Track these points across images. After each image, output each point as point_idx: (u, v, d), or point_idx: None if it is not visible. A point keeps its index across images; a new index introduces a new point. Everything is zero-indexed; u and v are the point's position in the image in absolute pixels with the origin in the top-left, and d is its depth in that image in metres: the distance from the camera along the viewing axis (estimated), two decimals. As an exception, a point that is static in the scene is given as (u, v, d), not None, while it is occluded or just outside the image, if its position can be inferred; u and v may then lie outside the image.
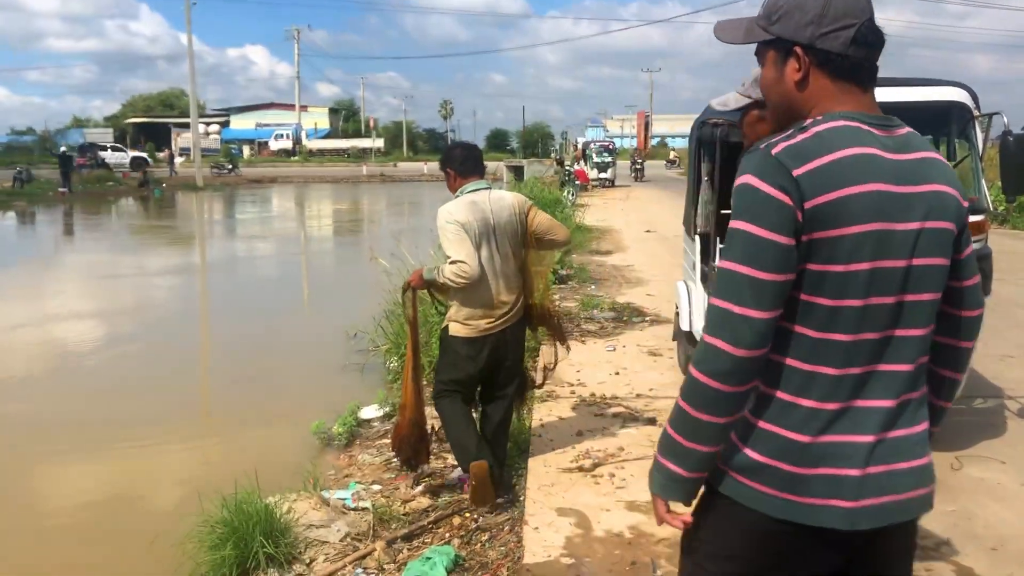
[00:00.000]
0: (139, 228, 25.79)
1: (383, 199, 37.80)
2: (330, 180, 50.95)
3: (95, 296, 13.29)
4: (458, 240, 4.13)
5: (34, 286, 14.29)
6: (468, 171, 4.40)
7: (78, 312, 11.78)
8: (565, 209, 18.42)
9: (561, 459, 4.77)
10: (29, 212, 29.14)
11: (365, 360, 8.16)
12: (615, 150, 38.16)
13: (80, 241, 22.22)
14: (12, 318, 11.39)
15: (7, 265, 16.90)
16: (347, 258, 18.22)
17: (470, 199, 4.28)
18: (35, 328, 10.74)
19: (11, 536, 5.04)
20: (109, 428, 6.80)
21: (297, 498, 4.41)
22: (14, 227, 25.70)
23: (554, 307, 4.77)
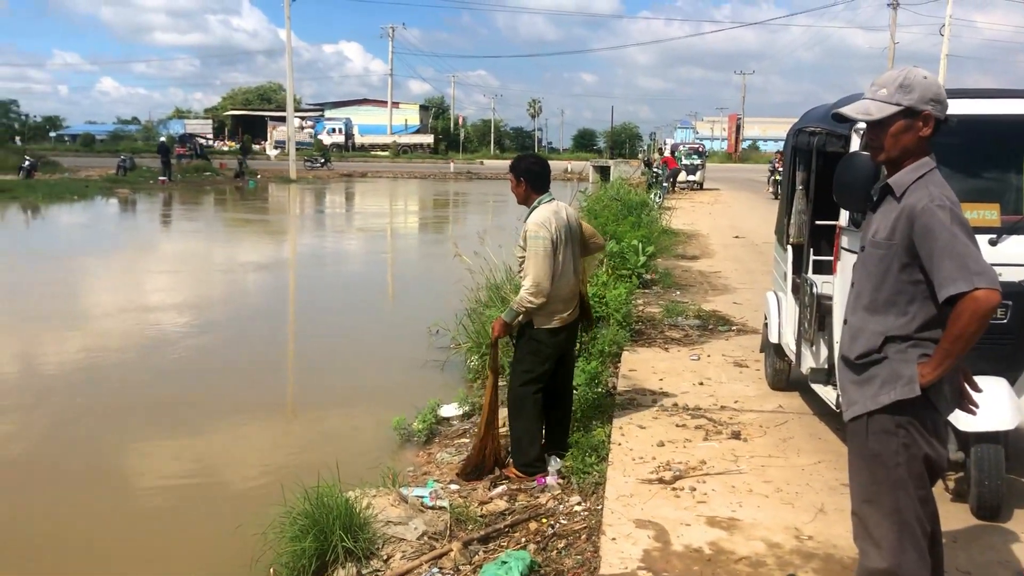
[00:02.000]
0: (233, 219, 26.57)
1: (469, 196, 38.09)
2: (418, 176, 51.64)
3: (187, 284, 13.74)
4: (543, 255, 4.65)
5: (131, 272, 14.87)
6: (544, 186, 4.93)
7: (171, 299, 12.20)
8: (651, 212, 18.19)
9: (641, 469, 4.69)
10: (131, 199, 30.35)
11: (446, 357, 8.22)
12: (705, 152, 37.57)
13: (176, 229, 23.02)
14: (109, 303, 11.87)
15: (107, 250, 17.64)
16: (431, 254, 18.40)
17: (552, 208, 4.84)
18: (130, 313, 11.15)
19: (103, 516, 5.24)
20: (197, 413, 7.02)
21: (376, 494, 4.44)
22: (116, 213, 26.80)
23: (588, 298, 5.36)
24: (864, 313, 2.66)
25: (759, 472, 4.67)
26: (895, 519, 2.58)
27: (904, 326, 2.57)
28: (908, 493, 2.57)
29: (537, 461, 4.88)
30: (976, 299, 2.38)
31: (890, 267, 2.58)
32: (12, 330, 10.13)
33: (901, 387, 2.54)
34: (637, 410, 5.73)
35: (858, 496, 2.70)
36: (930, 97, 2.58)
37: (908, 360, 2.55)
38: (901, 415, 2.56)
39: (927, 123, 2.59)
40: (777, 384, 6.23)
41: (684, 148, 36.94)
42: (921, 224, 2.49)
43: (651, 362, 7.05)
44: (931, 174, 2.60)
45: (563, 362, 5.02)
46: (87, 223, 23.65)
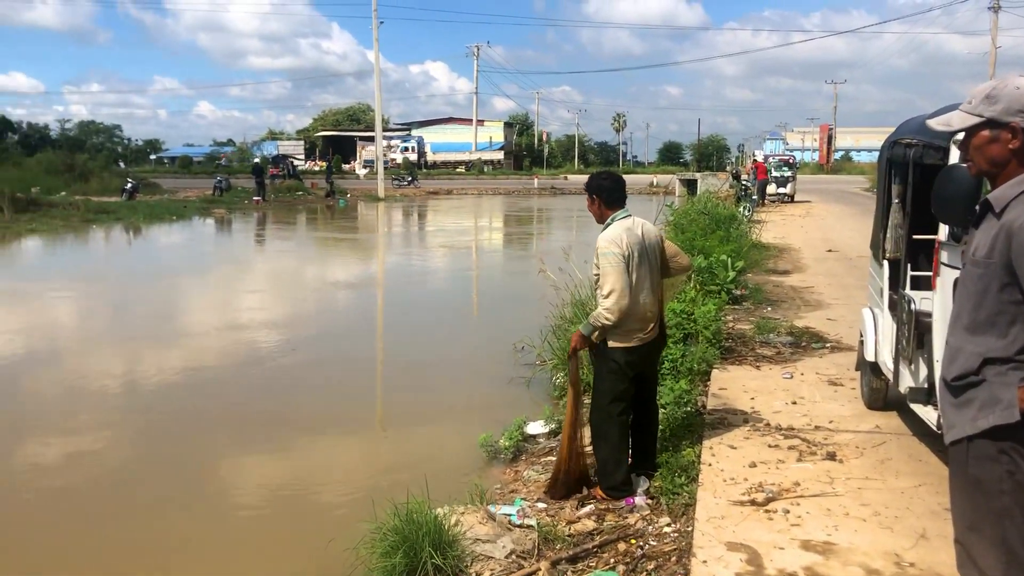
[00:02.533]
0: (324, 237, 27.25)
1: (552, 211, 38.16)
2: (502, 192, 52.08)
3: (280, 301, 14.14)
4: (616, 271, 4.58)
5: (226, 290, 15.40)
6: (617, 202, 4.86)
7: (264, 316, 12.56)
8: (741, 225, 17.86)
9: (732, 491, 4.59)
10: (226, 219, 31.44)
11: (531, 374, 8.22)
12: (795, 164, 36.75)
13: (270, 248, 23.75)
14: (206, 321, 12.30)
15: (204, 269, 18.30)
16: (516, 270, 18.49)
17: (625, 226, 4.75)
18: (226, 331, 11.53)
19: (198, 525, 5.42)
20: (289, 428, 7.19)
21: (464, 511, 4.46)
22: (213, 233, 27.79)
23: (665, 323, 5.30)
24: (963, 333, 2.55)
25: (856, 495, 4.52)
26: (1002, 549, 2.44)
27: (1004, 348, 2.44)
28: (1015, 523, 2.43)
29: (624, 484, 4.82)
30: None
31: (989, 287, 2.46)
32: (115, 346, 10.59)
33: (1000, 412, 2.41)
34: (728, 430, 5.62)
35: (960, 523, 2.57)
36: (1018, 108, 2.46)
37: (1008, 383, 2.42)
38: (1004, 440, 2.42)
39: (1016, 135, 2.46)
40: (874, 403, 6.03)
41: (774, 160, 36.27)
42: (1019, 242, 2.37)
43: (742, 380, 6.91)
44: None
45: (644, 381, 4.94)
46: (185, 243, 24.60)
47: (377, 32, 44.43)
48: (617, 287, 4.55)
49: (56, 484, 6.01)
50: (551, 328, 8.63)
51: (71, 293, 14.87)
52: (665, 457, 5.05)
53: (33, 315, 12.57)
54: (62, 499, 5.75)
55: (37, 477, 6.14)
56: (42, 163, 43.51)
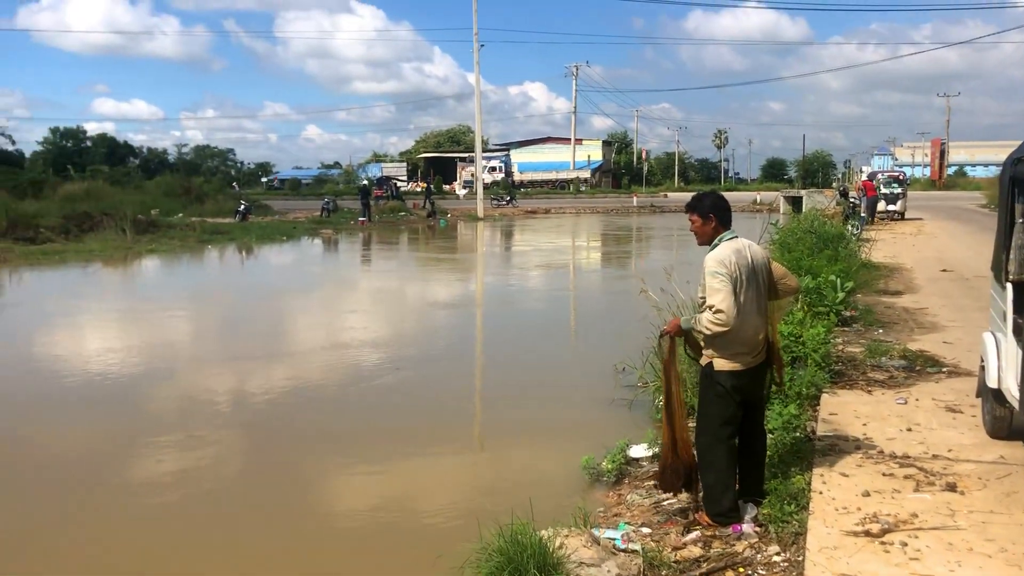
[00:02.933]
0: (425, 257, 27.74)
1: (652, 230, 37.83)
2: (601, 211, 51.96)
3: (382, 320, 14.45)
4: (723, 289, 4.50)
5: (331, 309, 15.82)
6: (724, 223, 4.80)
7: (367, 335, 12.83)
8: (849, 244, 17.32)
9: (845, 521, 4.44)
10: (333, 239, 32.38)
11: (633, 396, 8.14)
12: (906, 180, 35.42)
13: (374, 268, 24.34)
14: (312, 339, 12.67)
15: (311, 288, 18.87)
16: (615, 290, 18.37)
17: (734, 247, 4.69)
18: (330, 349, 11.82)
19: (305, 539, 5.55)
20: (391, 444, 7.33)
21: (568, 534, 4.46)
22: (320, 252, 28.65)
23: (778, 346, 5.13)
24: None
25: (979, 529, 4.31)
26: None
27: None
28: None
29: (731, 511, 4.72)
30: None
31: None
32: (225, 363, 11.01)
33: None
34: (839, 457, 5.44)
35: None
36: None
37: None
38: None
39: None
40: (997, 432, 5.74)
41: (883, 176, 35.01)
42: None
43: (853, 405, 6.69)
44: None
45: (751, 406, 4.83)
46: (294, 262, 25.44)
47: (478, 55, 45.18)
48: (724, 305, 4.48)
49: (167, 497, 6.25)
50: (653, 350, 8.54)
51: (186, 311, 15.58)
52: (774, 484, 4.93)
53: (151, 332, 13.21)
54: (172, 510, 5.99)
55: (151, 490, 6.40)
56: (161, 186, 45.75)
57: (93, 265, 22.56)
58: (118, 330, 13.31)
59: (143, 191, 43.96)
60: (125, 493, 6.31)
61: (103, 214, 29.15)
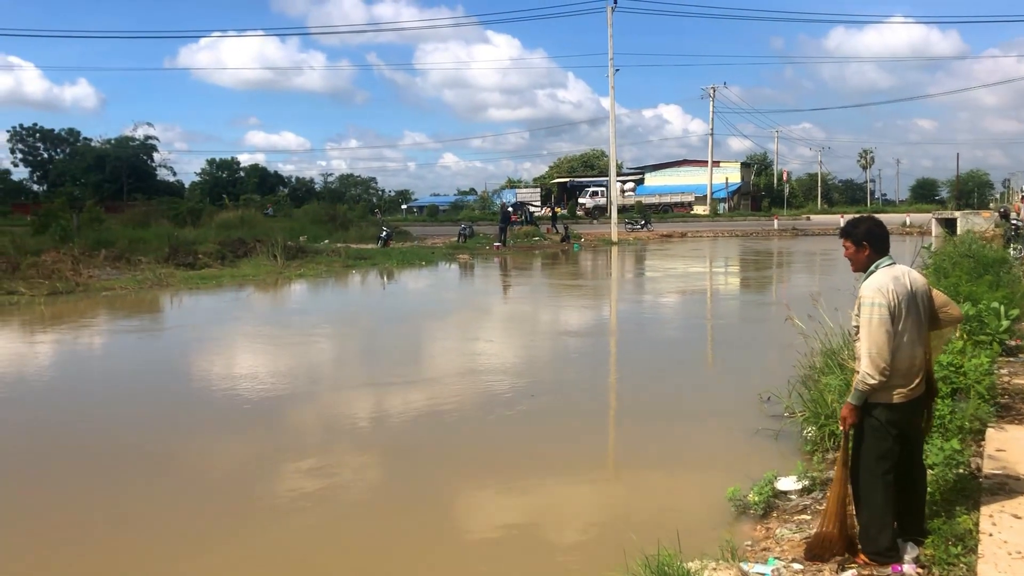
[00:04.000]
0: (559, 282, 27.86)
1: (794, 254, 36.64)
2: (739, 234, 50.79)
3: (517, 346, 14.56)
4: (878, 324, 4.35)
5: (468, 333, 16.08)
6: (884, 249, 4.64)
7: (501, 361, 12.96)
8: (1012, 269, 16.24)
9: (1019, 567, 4.13)
10: (470, 264, 33.03)
11: (780, 426, 7.86)
12: (1075, 200, 32.98)
13: (509, 292, 24.61)
14: (448, 363, 12.92)
15: (448, 312, 19.27)
16: (756, 317, 17.88)
17: (892, 274, 4.53)
18: (466, 373, 12.00)
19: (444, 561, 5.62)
20: (528, 471, 7.32)
21: (716, 567, 4.36)
22: (457, 277, 29.26)
23: (933, 378, 4.84)
24: None
25: None
26: None
27: None
28: None
29: (889, 550, 4.49)
30: None
31: None
32: (365, 385, 11.36)
33: None
34: (1010, 496, 5.08)
35: None
36: None
37: None
38: None
39: None
40: None
41: (1048, 195, 32.73)
42: None
43: (1023, 442, 6.24)
44: None
45: (909, 441, 4.61)
46: (432, 287, 26.10)
47: (613, 80, 45.26)
48: (879, 344, 4.33)
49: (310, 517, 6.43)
50: (799, 379, 8.26)
51: (330, 335, 16.20)
52: (936, 524, 4.66)
53: (296, 355, 13.80)
54: (314, 530, 6.18)
55: (296, 509, 6.60)
56: (308, 214, 48.11)
57: (246, 289, 23.87)
58: (266, 353, 13.98)
59: (292, 219, 46.35)
60: (270, 512, 6.54)
61: (256, 240, 30.88)
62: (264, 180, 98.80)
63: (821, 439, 6.97)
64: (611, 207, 47.64)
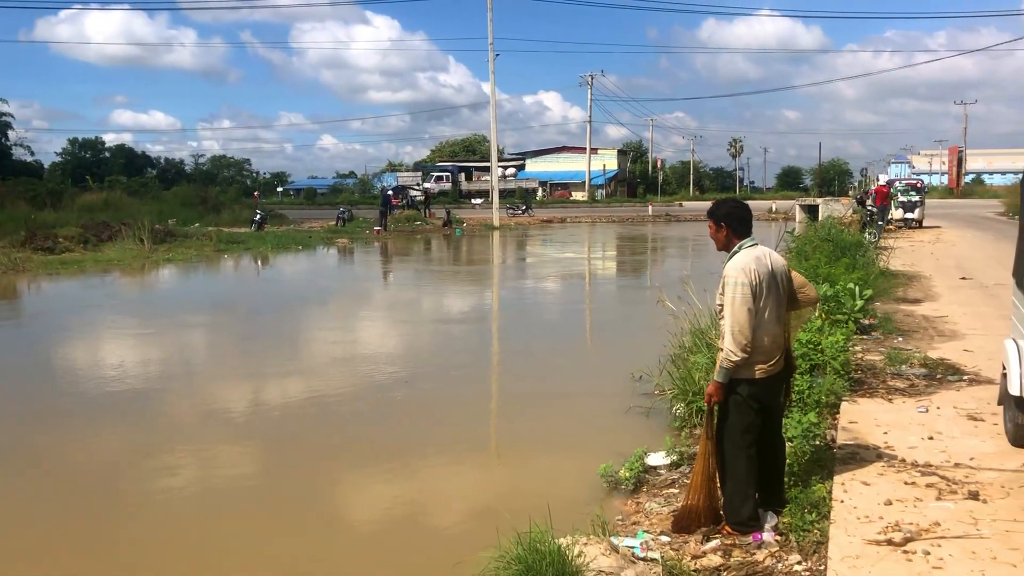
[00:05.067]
0: (440, 266, 27.80)
1: (668, 239, 37.76)
2: (616, 220, 51.92)
3: (397, 331, 14.50)
4: (741, 303, 4.50)
5: (346, 320, 15.88)
6: (746, 231, 4.78)
7: (381, 346, 12.90)
8: (867, 252, 17.22)
9: (867, 530, 4.40)
10: (349, 248, 32.50)
11: (651, 404, 8.10)
12: (924, 188, 35.19)
13: (389, 277, 24.39)
14: (327, 351, 12.72)
15: (326, 299, 18.93)
16: (631, 299, 18.34)
17: (754, 255, 4.67)
18: (346, 360, 11.87)
19: (321, 548, 5.55)
20: (409, 455, 7.30)
21: (587, 542, 4.44)
22: (336, 263, 28.75)
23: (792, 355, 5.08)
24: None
25: (1003, 538, 4.26)
26: None
27: None
28: None
29: (751, 519, 4.69)
30: None
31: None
32: (239, 374, 11.06)
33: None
34: (860, 465, 5.40)
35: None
36: None
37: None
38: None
39: None
40: (1020, 441, 5.68)
41: (900, 184, 34.81)
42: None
43: (873, 414, 6.64)
44: None
45: (769, 415, 4.81)
46: (309, 272, 25.57)
47: (493, 65, 45.30)
48: (738, 324, 4.48)
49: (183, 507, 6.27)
50: (670, 358, 8.52)
51: (202, 322, 15.66)
52: (794, 493, 4.90)
53: (166, 344, 13.30)
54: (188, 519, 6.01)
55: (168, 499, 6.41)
56: (178, 196, 46.21)
57: (111, 274, 22.75)
58: (133, 343, 13.39)
59: (161, 201, 44.39)
60: (142, 503, 6.32)
61: (121, 224, 29.44)
62: (131, 161, 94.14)
63: (689, 415, 7.22)
64: (493, 192, 47.79)
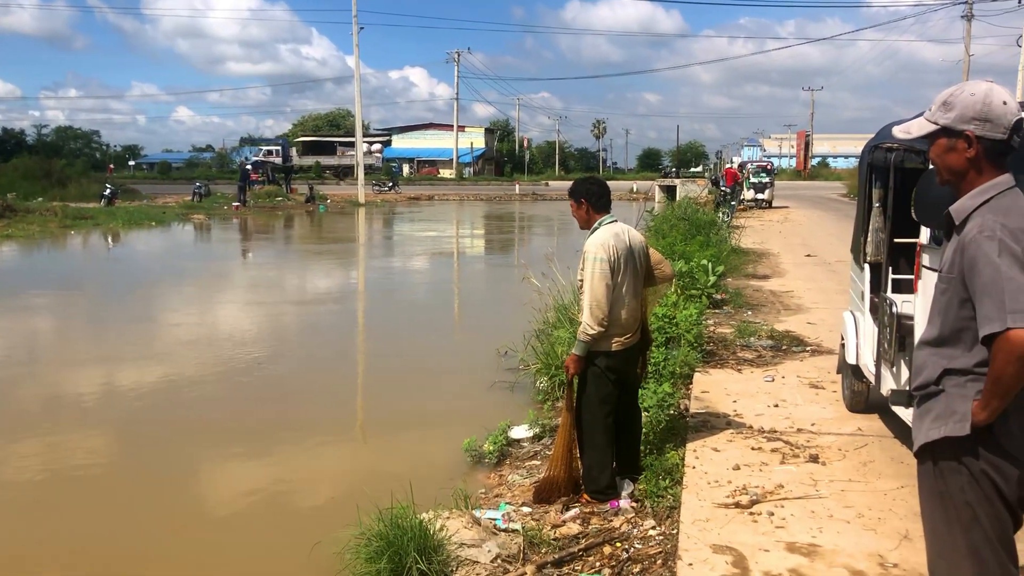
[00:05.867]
0: (303, 244, 27.14)
1: (535, 217, 38.22)
2: (484, 199, 52.10)
3: (260, 311, 14.06)
4: (599, 278, 4.59)
5: (205, 300, 15.28)
6: (603, 207, 4.88)
7: (244, 325, 12.50)
8: (720, 231, 17.98)
9: (716, 493, 4.61)
10: (206, 225, 31.26)
11: (515, 379, 8.21)
12: (773, 170, 37.04)
13: (249, 255, 23.62)
14: (186, 324, 12.22)
15: (183, 278, 18.16)
16: (498, 276, 18.48)
17: (613, 231, 4.78)
18: (207, 340, 11.44)
19: (179, 531, 5.36)
20: (272, 436, 7.14)
21: (449, 515, 4.45)
22: (192, 239, 27.62)
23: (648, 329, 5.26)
24: (929, 346, 2.50)
25: (839, 497, 4.55)
26: (972, 561, 2.39)
27: (964, 360, 2.39)
28: (984, 533, 2.38)
29: (609, 488, 4.83)
30: (1009, 339, 2.19)
31: (951, 301, 2.42)
32: (92, 357, 10.50)
33: (953, 424, 2.37)
34: (711, 433, 5.64)
35: (930, 534, 2.52)
36: (972, 116, 2.39)
37: (965, 396, 2.37)
38: (965, 452, 2.37)
39: (971, 144, 2.40)
40: (856, 406, 6.07)
41: (752, 166, 36.53)
42: (968, 257, 2.32)
43: (724, 384, 6.95)
44: (999, 199, 2.39)
45: (626, 386, 4.96)
46: (164, 250, 24.44)
47: (357, 38, 44.42)
48: (596, 298, 4.58)
49: (34, 494, 5.94)
50: (534, 333, 8.63)
51: (47, 304, 14.72)
52: (649, 460, 5.06)
53: (6, 325, 12.43)
54: (40, 508, 5.69)
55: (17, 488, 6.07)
56: (19, 168, 43.06)
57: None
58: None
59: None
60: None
61: (-48, 197, 27.28)
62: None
63: (552, 389, 7.35)
64: (358, 168, 46.99)
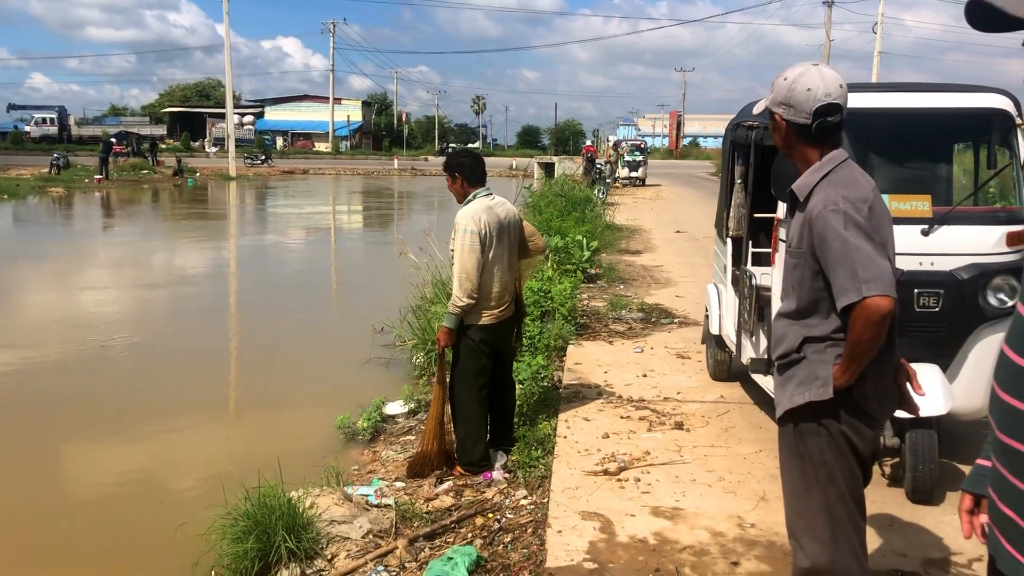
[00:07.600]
0: (172, 219, 26.03)
1: (414, 192, 37.90)
2: (361, 173, 51.25)
3: (125, 287, 13.43)
4: (469, 250, 4.61)
5: (68, 274, 14.47)
6: (477, 180, 4.87)
7: (108, 303, 11.91)
8: (595, 208, 18.31)
9: (586, 462, 4.72)
10: (65, 199, 29.53)
11: (391, 355, 8.16)
12: (647, 149, 37.94)
13: (113, 230, 22.47)
14: (46, 305, 11.55)
15: (43, 252, 17.13)
16: (376, 253, 18.25)
17: (486, 204, 4.78)
18: (68, 316, 10.85)
19: (41, 517, 5.09)
20: (138, 417, 6.86)
21: (320, 493, 4.40)
22: (50, 214, 26.04)
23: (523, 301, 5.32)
24: (787, 317, 2.65)
25: (702, 462, 4.73)
26: (827, 516, 2.56)
27: (822, 328, 2.55)
28: (839, 490, 2.55)
29: (482, 460, 4.87)
30: (866, 307, 2.36)
31: (804, 275, 2.56)
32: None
33: (816, 388, 2.52)
34: (582, 403, 5.76)
35: (789, 494, 2.69)
36: (779, 100, 2.58)
37: (825, 361, 2.53)
38: (825, 414, 2.54)
39: (779, 126, 2.60)
40: (718, 375, 6.33)
41: (626, 145, 37.29)
42: (817, 231, 2.46)
43: (596, 355, 7.10)
44: (835, 172, 2.54)
45: (500, 359, 4.99)
46: (18, 225, 22.97)
47: (227, 4, 42.65)
48: (465, 270, 4.59)
49: None
50: (411, 308, 8.58)
51: None
52: (523, 431, 5.13)
53: None
54: None
55: None
56: None
57: None
58: None
59: None
60: None
61: None
62: None
63: (428, 364, 7.33)
64: (228, 140, 45.30)
